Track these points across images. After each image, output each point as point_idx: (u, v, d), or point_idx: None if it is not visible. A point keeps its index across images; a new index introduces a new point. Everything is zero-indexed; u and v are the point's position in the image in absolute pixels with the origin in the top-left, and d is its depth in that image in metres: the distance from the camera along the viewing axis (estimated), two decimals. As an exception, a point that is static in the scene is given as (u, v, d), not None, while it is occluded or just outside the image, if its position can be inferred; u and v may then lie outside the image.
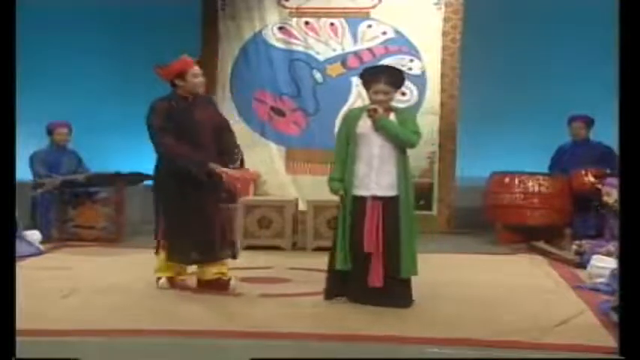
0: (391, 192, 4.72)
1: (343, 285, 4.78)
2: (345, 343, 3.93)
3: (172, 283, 5.15)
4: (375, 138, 4.74)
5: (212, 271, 5.13)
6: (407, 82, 7.26)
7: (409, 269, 4.71)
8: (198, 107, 5.08)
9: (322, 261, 6.24)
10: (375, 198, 4.71)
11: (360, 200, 4.73)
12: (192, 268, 5.29)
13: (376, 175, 4.72)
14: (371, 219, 4.68)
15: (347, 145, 4.81)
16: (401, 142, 4.75)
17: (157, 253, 5.15)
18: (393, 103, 4.93)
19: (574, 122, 7.67)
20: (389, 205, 4.70)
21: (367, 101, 8.25)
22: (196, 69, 5.12)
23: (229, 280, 5.17)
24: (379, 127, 4.70)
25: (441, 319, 4.42)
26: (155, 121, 4.98)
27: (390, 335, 4.02)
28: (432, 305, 4.72)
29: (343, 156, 4.81)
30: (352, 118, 4.90)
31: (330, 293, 4.84)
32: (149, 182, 7.56)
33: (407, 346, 3.87)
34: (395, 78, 4.85)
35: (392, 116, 4.80)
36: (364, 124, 4.78)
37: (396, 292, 4.68)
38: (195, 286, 5.19)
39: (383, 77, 4.78)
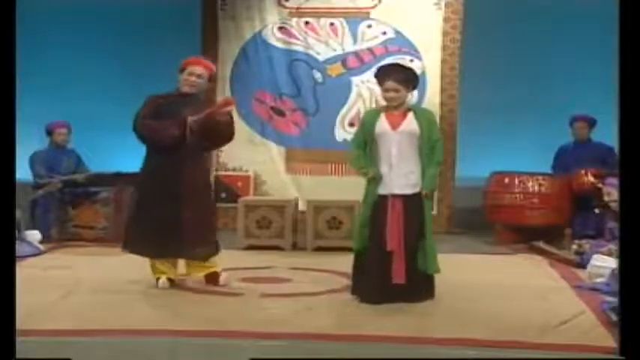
0: (412, 190, 4.76)
1: (365, 281, 4.81)
2: (345, 343, 3.93)
3: (172, 283, 5.15)
4: (393, 137, 4.79)
5: (199, 269, 5.21)
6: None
7: (434, 266, 4.79)
8: (189, 106, 5.08)
9: (322, 261, 6.29)
10: (395, 196, 4.74)
11: (382, 199, 4.77)
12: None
13: (396, 174, 4.76)
14: (392, 217, 4.72)
15: (365, 144, 4.89)
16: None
17: (123, 248, 5.21)
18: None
19: (576, 122, 7.67)
20: (410, 202, 4.74)
21: (367, 101, 8.43)
22: (195, 69, 5.16)
23: (219, 272, 5.23)
24: (429, 198, 4.88)
25: (441, 318, 4.42)
26: (141, 111, 5.09)
27: (389, 335, 4.02)
28: (431, 305, 4.73)
29: (362, 153, 4.89)
30: (370, 119, 4.94)
31: (356, 289, 4.88)
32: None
33: (406, 345, 3.87)
34: (405, 75, 4.88)
35: (411, 116, 4.83)
36: (381, 125, 4.82)
37: (419, 289, 4.74)
38: (194, 286, 5.20)
39: (392, 75, 4.84)
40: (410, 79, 4.90)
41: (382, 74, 4.91)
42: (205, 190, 5.28)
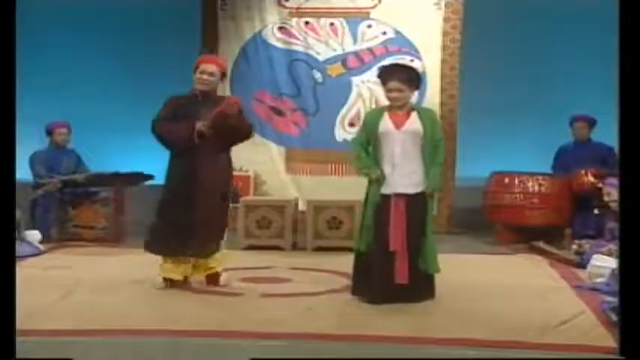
0: (415, 189, 4.76)
1: (367, 281, 4.81)
2: (345, 343, 3.93)
3: (172, 283, 5.14)
4: (396, 136, 4.79)
5: (203, 269, 5.23)
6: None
7: (434, 266, 4.81)
8: (205, 106, 5.09)
9: (322, 261, 6.29)
10: (398, 195, 4.74)
11: (385, 198, 4.77)
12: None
13: (399, 173, 4.76)
14: (395, 217, 4.72)
15: (367, 144, 4.89)
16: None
17: (145, 249, 5.20)
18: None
19: (576, 122, 7.67)
20: (413, 202, 4.74)
21: (367, 101, 8.43)
22: (207, 67, 5.17)
23: (219, 272, 5.24)
24: (432, 197, 4.90)
25: (441, 318, 4.42)
26: (160, 113, 5.13)
27: (389, 335, 4.03)
28: (431, 305, 4.73)
29: (364, 152, 4.89)
30: (373, 119, 4.94)
31: (356, 289, 4.89)
32: (149, 182, 7.61)
33: (406, 345, 3.87)
34: (408, 75, 4.89)
35: (414, 116, 4.83)
36: (385, 124, 4.82)
37: (420, 290, 4.75)
38: (194, 286, 5.20)
39: (396, 74, 4.85)
40: (413, 78, 4.90)
41: (385, 74, 4.92)
42: (222, 190, 5.23)
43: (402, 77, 4.82)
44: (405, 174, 4.76)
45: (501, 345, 3.86)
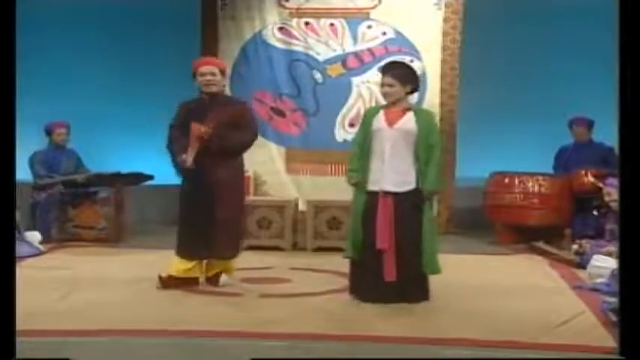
0: (402, 188, 4.74)
1: (359, 280, 4.81)
2: (345, 343, 3.93)
3: (174, 283, 5.13)
4: (388, 134, 4.78)
5: (214, 269, 5.23)
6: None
7: (430, 265, 4.77)
8: (212, 109, 5.12)
9: (322, 261, 6.29)
10: (386, 193, 4.73)
11: (373, 196, 4.77)
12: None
13: (388, 170, 4.74)
14: (383, 214, 4.71)
15: (364, 142, 4.88)
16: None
17: (177, 254, 5.20)
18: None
19: (575, 126, 7.68)
20: (402, 200, 4.72)
21: (367, 101, 8.42)
22: (204, 69, 5.20)
23: (219, 273, 5.24)
24: (429, 198, 4.81)
25: (441, 319, 4.42)
26: (173, 121, 5.23)
27: (389, 336, 4.03)
28: (431, 305, 4.73)
29: (358, 152, 4.89)
30: (370, 115, 4.96)
31: (351, 289, 4.89)
32: (149, 182, 7.61)
33: (406, 346, 3.87)
34: (401, 71, 4.91)
35: (410, 115, 4.83)
36: (378, 121, 4.83)
37: (412, 288, 4.72)
38: (198, 286, 5.21)
39: (390, 70, 4.90)
40: (406, 75, 4.90)
41: (383, 70, 4.99)
42: (239, 191, 5.30)
43: (395, 73, 4.86)
44: (393, 171, 4.74)
45: (501, 345, 3.86)
